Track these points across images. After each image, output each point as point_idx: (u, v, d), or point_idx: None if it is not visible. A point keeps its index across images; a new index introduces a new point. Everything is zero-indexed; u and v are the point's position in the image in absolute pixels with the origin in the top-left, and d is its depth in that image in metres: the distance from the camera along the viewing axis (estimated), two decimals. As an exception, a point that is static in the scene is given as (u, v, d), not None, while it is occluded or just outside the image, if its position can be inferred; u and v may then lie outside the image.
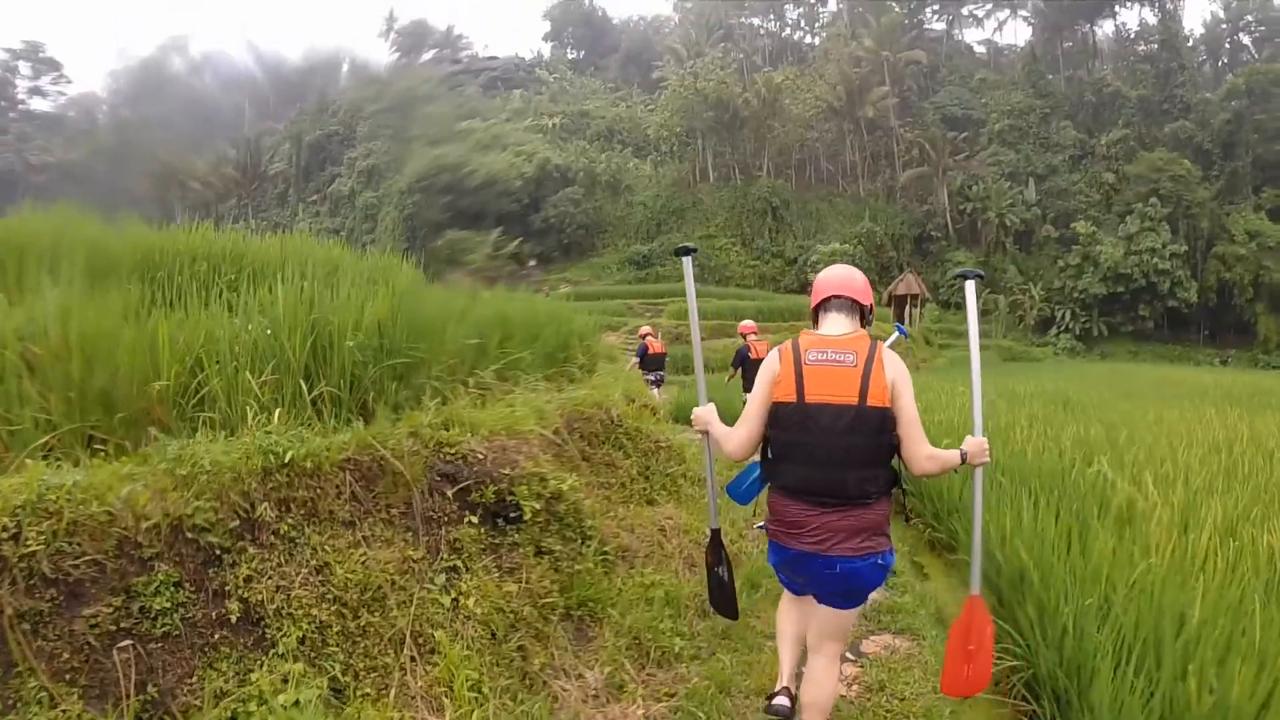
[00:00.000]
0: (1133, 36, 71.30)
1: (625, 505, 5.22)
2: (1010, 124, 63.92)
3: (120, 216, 7.23)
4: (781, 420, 2.84)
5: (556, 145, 64.52)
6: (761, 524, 3.12)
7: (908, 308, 42.50)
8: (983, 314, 51.09)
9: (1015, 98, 65.87)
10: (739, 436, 2.95)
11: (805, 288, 43.21)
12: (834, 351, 2.81)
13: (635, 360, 12.07)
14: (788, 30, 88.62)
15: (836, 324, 2.95)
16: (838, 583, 2.86)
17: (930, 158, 59.95)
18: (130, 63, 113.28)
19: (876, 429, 2.74)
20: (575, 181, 59.34)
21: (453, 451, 3.85)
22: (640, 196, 61.08)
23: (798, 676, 3.26)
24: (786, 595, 3.30)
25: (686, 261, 3.42)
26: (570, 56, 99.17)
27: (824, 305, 3.00)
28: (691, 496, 6.04)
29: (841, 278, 3.04)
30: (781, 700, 3.12)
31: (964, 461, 2.85)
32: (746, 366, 9.99)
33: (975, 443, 2.87)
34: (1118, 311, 52.42)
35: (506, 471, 3.94)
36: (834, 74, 64.44)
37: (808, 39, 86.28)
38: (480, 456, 3.92)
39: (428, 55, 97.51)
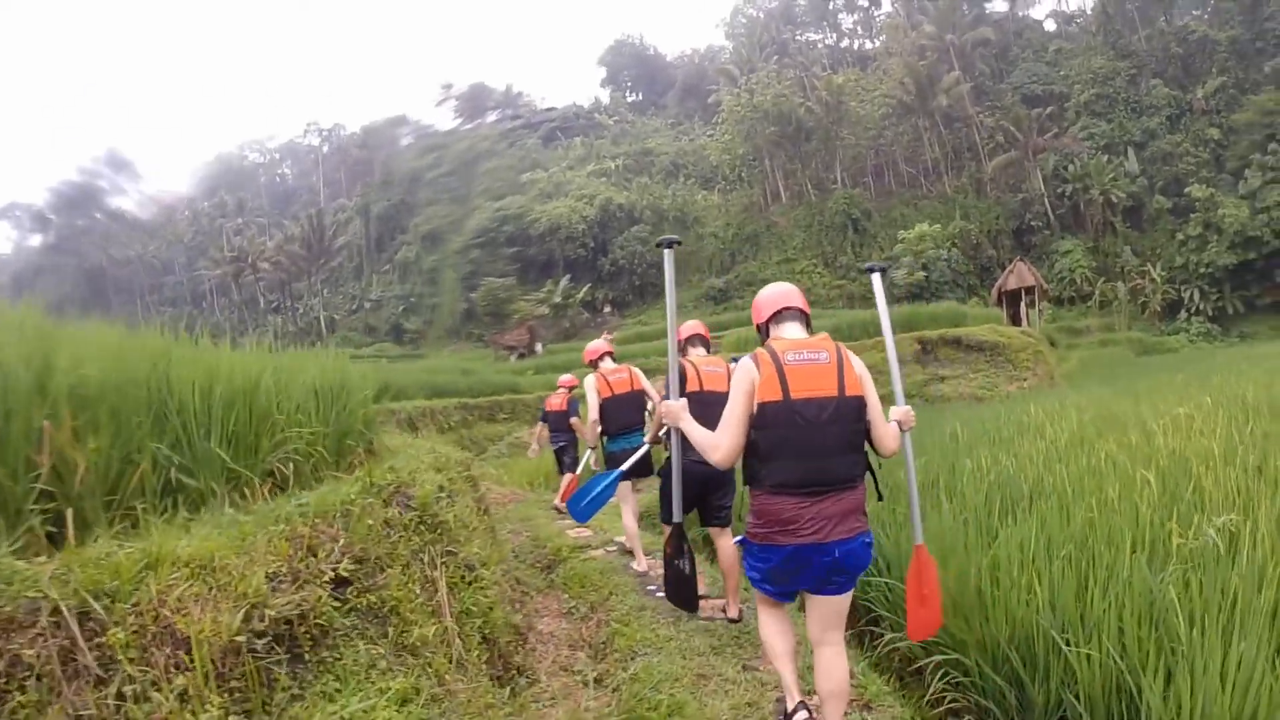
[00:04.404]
0: (1208, -26, 65.35)
1: None
2: (1096, 92, 59.03)
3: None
4: (769, 419, 2.94)
5: (620, 186, 62.92)
6: (740, 538, 3.24)
7: (1022, 305, 36.45)
8: (1102, 305, 47.99)
9: (1096, 63, 60.81)
10: (728, 446, 3.01)
11: (896, 301, 39.84)
12: (809, 351, 3.02)
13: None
14: (845, 41, 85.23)
15: (794, 331, 3.18)
16: (835, 568, 2.96)
17: (1017, 140, 55.73)
18: (209, 159, 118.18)
19: (855, 417, 2.99)
20: (641, 219, 57.37)
21: None
22: (710, 228, 58.77)
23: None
24: (767, 611, 3.29)
25: (668, 255, 3.55)
26: (629, 99, 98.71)
27: (776, 318, 3.21)
28: None
29: (788, 291, 3.30)
30: (804, 714, 3.13)
31: (901, 429, 3.20)
32: (551, 421, 10.05)
33: (903, 410, 3.24)
34: (1252, 283, 46.37)
35: None
36: (899, 68, 60.75)
37: (866, 44, 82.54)
38: None
39: (491, 117, 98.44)
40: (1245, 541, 3.83)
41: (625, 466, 5.27)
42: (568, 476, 9.75)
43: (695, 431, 3.19)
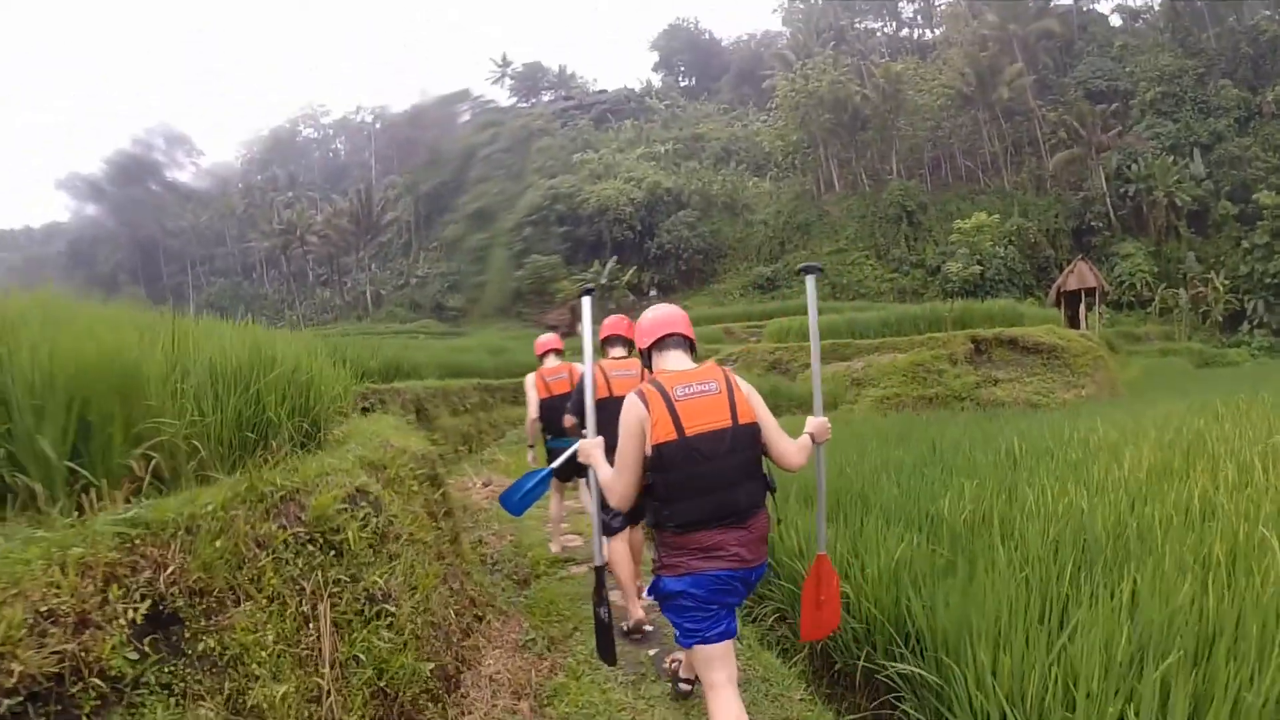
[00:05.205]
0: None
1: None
2: (1163, 90, 57.16)
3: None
4: (667, 460, 2.83)
5: (669, 170, 62.54)
6: (649, 593, 3.12)
7: (1081, 307, 34.81)
8: (1162, 311, 46.61)
9: (1163, 60, 58.89)
10: (620, 491, 2.92)
11: (949, 297, 38.81)
12: (698, 383, 2.92)
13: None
14: (905, 30, 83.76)
15: (679, 360, 3.07)
16: (747, 592, 3.00)
17: (1080, 137, 54.28)
18: (262, 133, 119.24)
19: (751, 443, 2.92)
20: (689, 204, 57.06)
21: None
22: (760, 215, 58.22)
23: None
24: (716, 696, 2.83)
25: (585, 301, 3.43)
26: (681, 84, 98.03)
27: (659, 344, 3.11)
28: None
29: (674, 316, 3.16)
30: None
31: (815, 442, 3.12)
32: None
33: (818, 422, 3.14)
34: (1320, 297, 44.78)
35: None
36: (959, 58, 59.65)
37: (926, 33, 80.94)
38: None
39: (545, 96, 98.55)
40: None
41: (555, 465, 5.09)
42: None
43: (603, 472, 3.02)
